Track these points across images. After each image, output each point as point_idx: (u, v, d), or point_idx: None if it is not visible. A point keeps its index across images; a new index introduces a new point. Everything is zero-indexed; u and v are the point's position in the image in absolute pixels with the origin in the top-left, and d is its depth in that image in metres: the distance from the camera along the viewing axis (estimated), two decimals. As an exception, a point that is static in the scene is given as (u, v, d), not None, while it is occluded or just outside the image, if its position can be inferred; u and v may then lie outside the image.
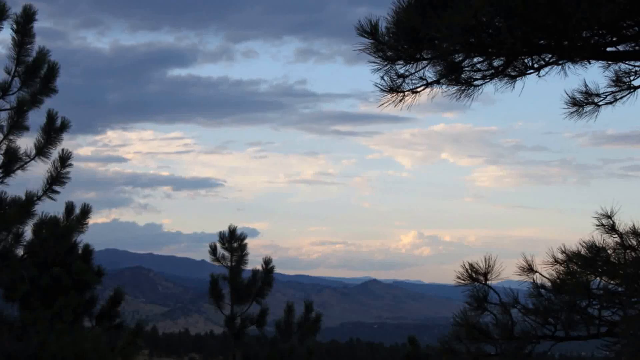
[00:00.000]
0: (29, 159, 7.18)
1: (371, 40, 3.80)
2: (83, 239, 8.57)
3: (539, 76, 3.62)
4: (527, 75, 3.66)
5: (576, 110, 3.75)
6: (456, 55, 3.68)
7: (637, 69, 3.62)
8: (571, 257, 4.02)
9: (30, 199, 7.01)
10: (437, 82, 3.83)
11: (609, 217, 4.13)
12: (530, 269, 4.16)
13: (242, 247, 11.16)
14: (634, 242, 3.98)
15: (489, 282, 4.05)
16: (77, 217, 7.51)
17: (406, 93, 3.89)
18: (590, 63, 3.58)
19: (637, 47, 3.52)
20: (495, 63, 3.66)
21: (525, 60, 3.62)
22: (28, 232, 7.13)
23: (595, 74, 3.70)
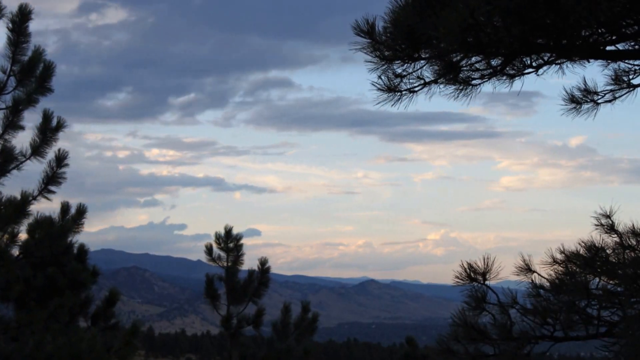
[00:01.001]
0: (24, 159, 7.14)
1: (368, 40, 3.78)
2: (79, 239, 8.53)
3: (538, 75, 3.61)
4: (526, 75, 3.65)
5: (574, 108, 3.74)
6: (454, 55, 3.66)
7: (636, 67, 3.61)
8: (570, 257, 4.00)
9: (26, 199, 6.98)
10: (435, 81, 3.81)
11: (608, 216, 4.11)
12: (528, 269, 4.15)
13: (238, 247, 11.13)
14: (634, 242, 3.96)
15: (487, 282, 4.03)
16: (72, 217, 7.48)
17: (403, 93, 3.87)
18: (589, 62, 3.56)
19: (636, 46, 3.50)
20: (494, 62, 3.64)
21: (524, 60, 3.60)
22: (23, 232, 7.10)
23: (594, 72, 3.69)
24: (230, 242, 11.06)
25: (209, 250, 11.09)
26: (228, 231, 11.04)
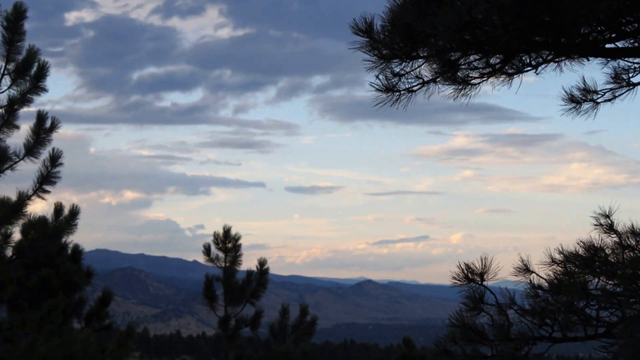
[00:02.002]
0: (18, 159, 7.09)
1: (366, 39, 3.75)
2: (72, 239, 8.47)
3: (537, 73, 3.59)
4: (525, 73, 3.63)
5: (574, 107, 3.72)
6: (452, 53, 3.64)
7: (636, 65, 3.59)
8: (569, 257, 3.98)
9: (21, 199, 6.93)
10: (434, 80, 3.78)
11: (607, 216, 4.08)
12: (526, 270, 4.12)
13: (237, 248, 11.08)
14: (633, 242, 3.94)
15: (485, 283, 4.00)
16: (66, 217, 7.43)
17: (402, 92, 3.84)
18: (588, 60, 3.54)
19: (636, 44, 3.48)
20: (492, 61, 3.62)
21: (523, 58, 3.57)
22: (17, 232, 7.05)
23: (594, 71, 3.66)
24: (228, 242, 11.00)
25: (207, 250, 11.03)
26: (226, 231, 10.98)
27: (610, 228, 4.05)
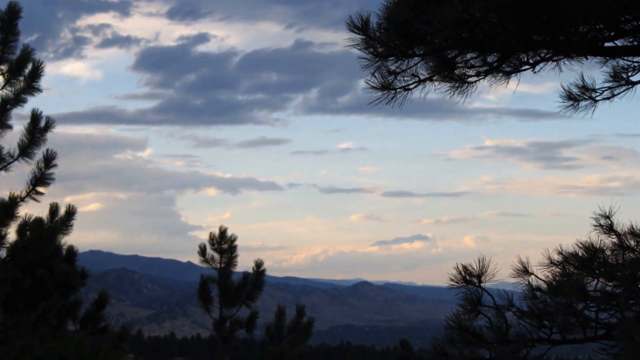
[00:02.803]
0: (12, 160, 7.04)
1: (362, 36, 3.72)
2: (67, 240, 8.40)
3: (534, 72, 3.56)
4: (523, 72, 3.60)
5: (572, 105, 3.69)
6: (449, 52, 3.61)
7: (635, 64, 3.56)
8: (568, 258, 3.95)
9: (14, 201, 6.87)
10: (430, 79, 3.75)
11: (607, 217, 4.05)
12: (525, 271, 4.09)
13: (232, 249, 11.02)
14: (633, 243, 3.91)
15: (483, 284, 3.96)
16: (61, 218, 7.37)
17: (397, 90, 3.81)
18: (587, 59, 3.51)
19: (635, 42, 3.45)
20: (489, 59, 3.59)
21: (520, 56, 3.55)
22: (12, 233, 6.99)
23: (593, 70, 3.64)
24: (224, 243, 10.95)
25: (202, 251, 10.96)
26: (222, 232, 10.93)
27: (609, 229, 4.02)
